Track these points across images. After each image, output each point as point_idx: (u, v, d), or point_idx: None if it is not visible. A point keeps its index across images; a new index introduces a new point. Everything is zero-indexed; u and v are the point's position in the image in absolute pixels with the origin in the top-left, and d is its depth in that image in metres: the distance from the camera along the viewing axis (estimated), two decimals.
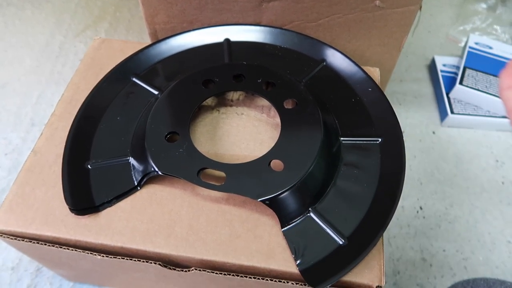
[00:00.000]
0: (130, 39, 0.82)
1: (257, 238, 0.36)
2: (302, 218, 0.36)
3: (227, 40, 0.49)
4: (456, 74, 0.72)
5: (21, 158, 0.65)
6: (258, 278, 0.34)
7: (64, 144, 0.40)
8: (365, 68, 0.48)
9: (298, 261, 0.34)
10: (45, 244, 0.36)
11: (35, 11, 0.87)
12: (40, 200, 0.38)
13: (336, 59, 0.48)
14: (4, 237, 0.37)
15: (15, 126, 0.69)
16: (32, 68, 0.77)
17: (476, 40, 0.75)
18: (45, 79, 0.76)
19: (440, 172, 0.65)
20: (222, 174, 0.37)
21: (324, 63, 0.48)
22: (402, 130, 0.42)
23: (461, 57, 0.74)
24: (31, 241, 0.36)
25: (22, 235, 0.36)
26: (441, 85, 0.72)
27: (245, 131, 0.43)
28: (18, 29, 0.84)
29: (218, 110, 0.45)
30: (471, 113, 0.69)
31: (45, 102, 0.72)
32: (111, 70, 0.46)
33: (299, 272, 0.34)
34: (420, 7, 0.52)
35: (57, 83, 0.75)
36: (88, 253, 0.36)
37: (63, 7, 0.88)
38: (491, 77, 0.69)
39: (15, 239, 0.36)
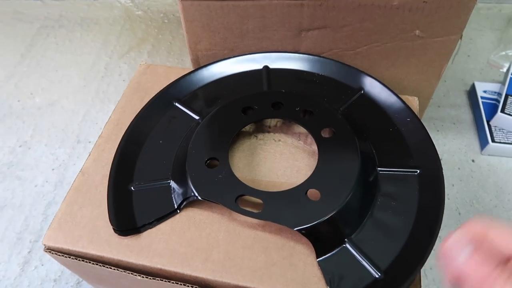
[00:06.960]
0: (171, 60, 0.86)
1: (293, 266, 0.36)
2: (338, 249, 0.36)
3: (266, 67, 0.51)
4: (497, 101, 0.70)
5: (67, 173, 0.68)
6: None
7: (109, 165, 0.43)
8: (403, 97, 0.47)
9: None
10: (89, 262, 0.38)
11: (83, 33, 0.93)
12: (86, 219, 0.40)
13: (374, 88, 0.48)
14: (52, 253, 0.39)
15: (62, 143, 0.73)
16: (79, 87, 0.82)
17: None
18: (91, 98, 0.80)
19: (479, 202, 0.63)
20: (260, 201, 0.37)
21: (362, 92, 0.48)
22: (440, 157, 0.41)
23: (503, 83, 0.72)
24: (76, 259, 0.38)
25: (69, 252, 0.38)
26: (482, 112, 0.70)
27: (282, 158, 0.44)
28: (68, 49, 0.90)
29: (256, 136, 0.46)
30: None
31: (90, 119, 0.76)
32: (155, 95, 0.49)
33: None
34: (461, 36, 0.52)
35: (102, 102, 0.79)
36: (129, 273, 0.37)
37: (110, 29, 0.94)
38: None
39: (62, 255, 0.38)
